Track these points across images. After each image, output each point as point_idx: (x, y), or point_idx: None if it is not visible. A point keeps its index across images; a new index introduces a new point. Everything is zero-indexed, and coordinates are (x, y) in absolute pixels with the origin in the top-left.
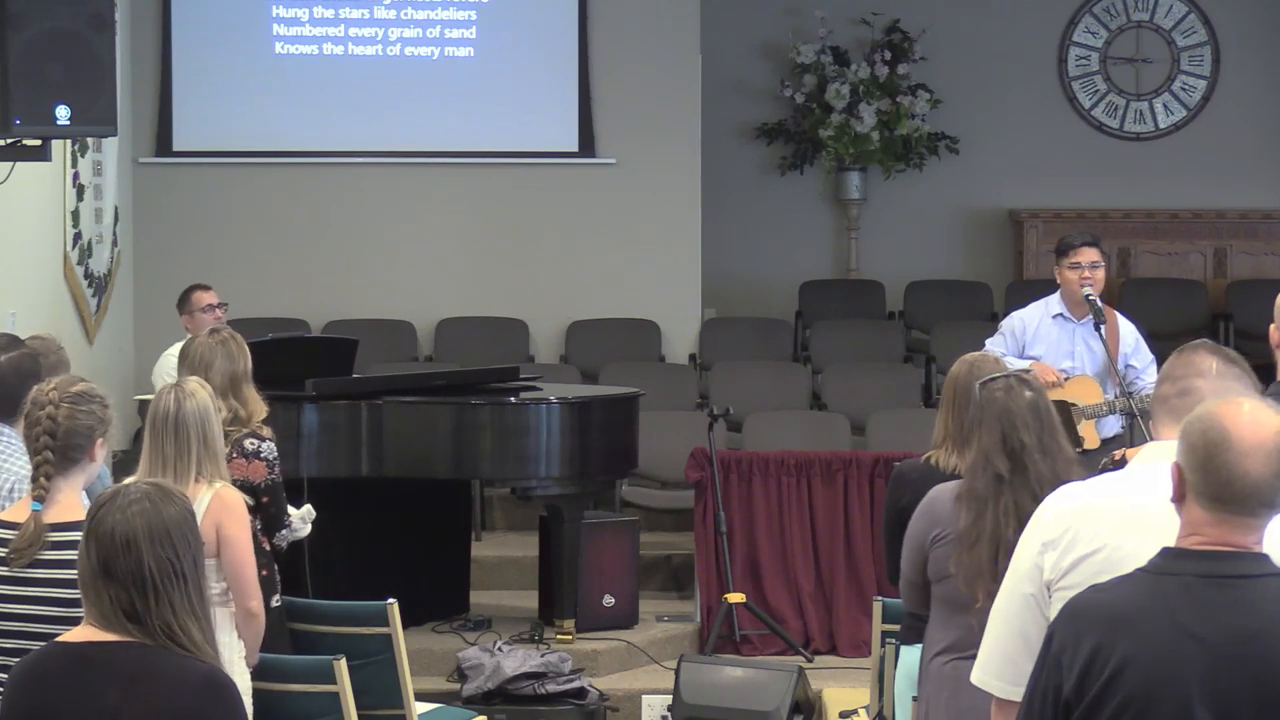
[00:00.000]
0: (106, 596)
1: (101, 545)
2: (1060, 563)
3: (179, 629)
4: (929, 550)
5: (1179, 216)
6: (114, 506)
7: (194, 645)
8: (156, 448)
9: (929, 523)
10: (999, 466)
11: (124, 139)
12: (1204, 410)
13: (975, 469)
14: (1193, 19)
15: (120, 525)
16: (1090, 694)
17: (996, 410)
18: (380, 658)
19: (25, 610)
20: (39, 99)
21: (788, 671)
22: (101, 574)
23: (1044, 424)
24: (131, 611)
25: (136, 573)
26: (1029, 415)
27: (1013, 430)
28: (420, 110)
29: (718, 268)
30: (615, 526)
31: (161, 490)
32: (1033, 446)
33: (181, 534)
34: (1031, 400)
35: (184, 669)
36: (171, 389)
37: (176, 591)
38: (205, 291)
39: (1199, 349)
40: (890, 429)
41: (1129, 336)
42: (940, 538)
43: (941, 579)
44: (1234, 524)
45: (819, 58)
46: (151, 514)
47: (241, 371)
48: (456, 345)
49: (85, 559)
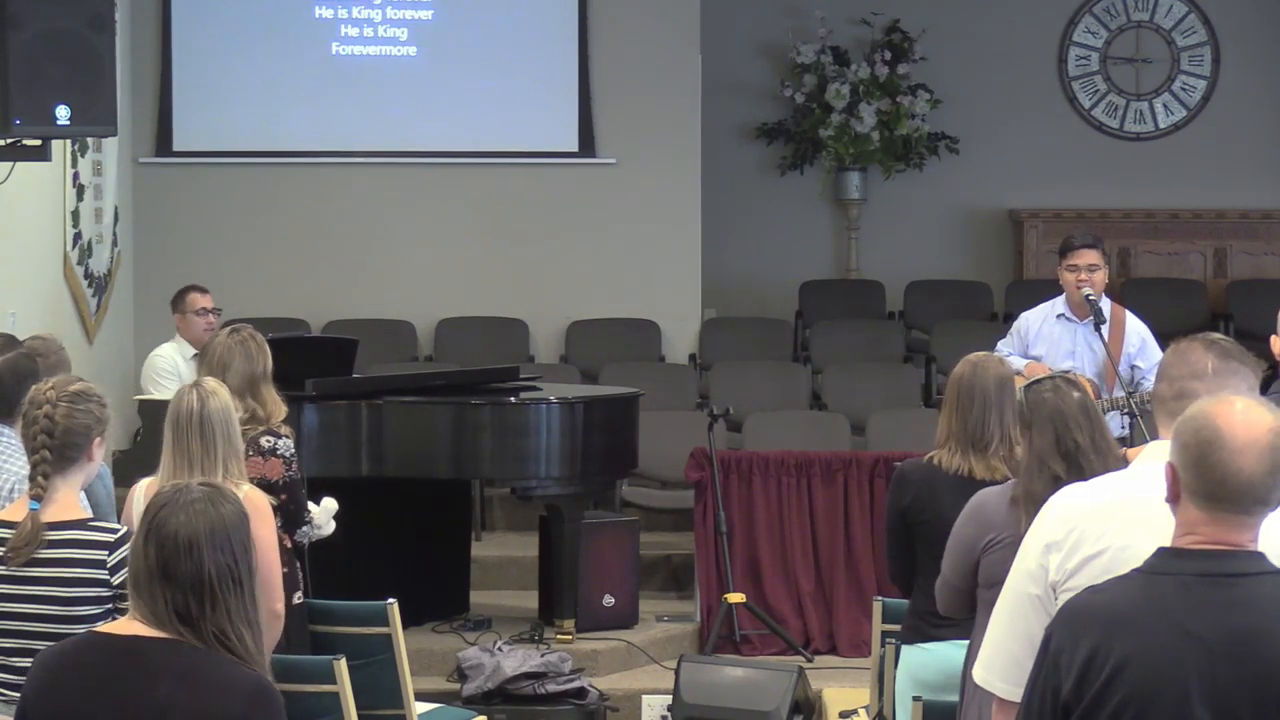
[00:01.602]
0: (163, 598)
1: (163, 547)
2: (1065, 564)
3: (234, 636)
4: (981, 556)
5: (1179, 216)
6: (176, 507)
7: (245, 653)
8: (181, 447)
9: (980, 528)
10: (1055, 468)
11: (124, 139)
12: (1197, 409)
13: (1031, 471)
14: (1193, 19)
15: (183, 527)
16: (1089, 694)
17: (1047, 411)
18: (380, 658)
19: (23, 609)
20: (39, 99)
21: (788, 671)
22: (160, 576)
23: (1094, 423)
24: (186, 614)
25: (196, 576)
26: (1080, 415)
27: (1066, 431)
28: (420, 110)
29: (718, 268)
30: (615, 526)
31: (219, 492)
32: (1087, 447)
33: (240, 538)
34: (1080, 400)
35: (235, 674)
36: (192, 388)
37: (233, 597)
38: (202, 294)
39: (1195, 345)
40: (890, 429)
41: (1134, 336)
42: (995, 542)
43: (995, 584)
44: (1229, 522)
45: (819, 58)
46: (213, 516)
47: (260, 372)
48: (456, 345)
49: (142, 560)
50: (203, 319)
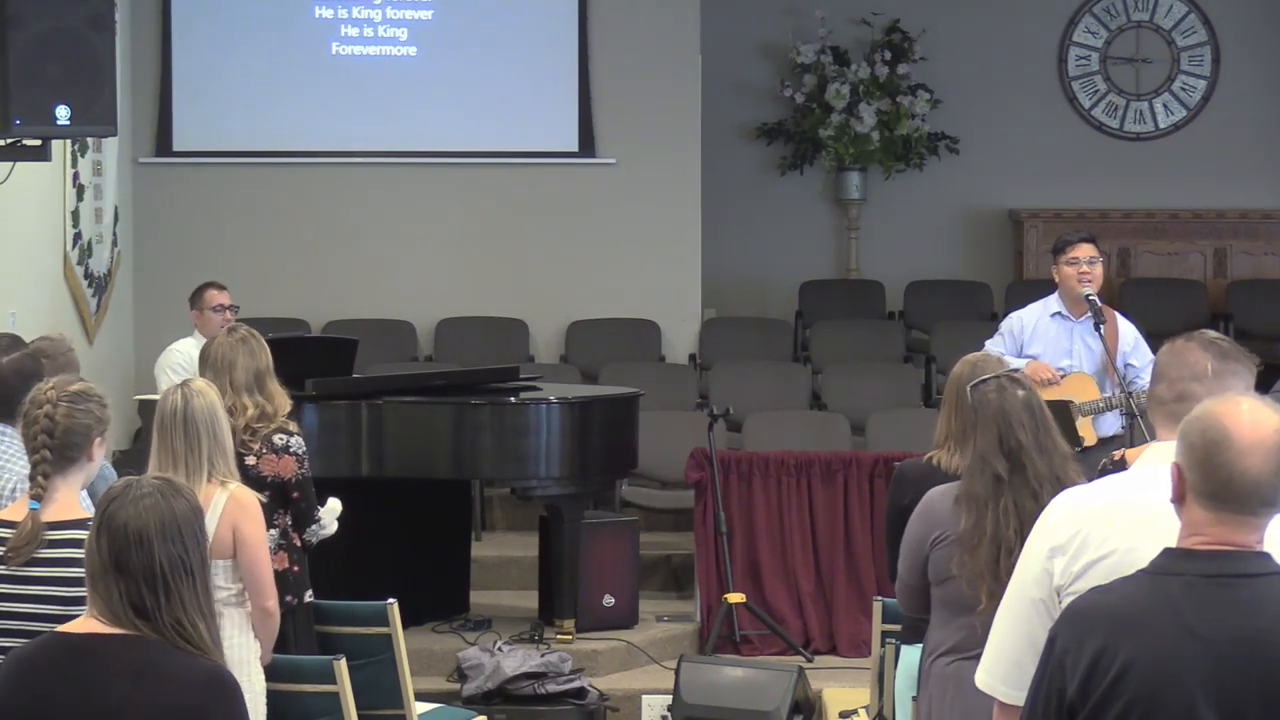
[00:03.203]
0: (117, 590)
1: (114, 539)
2: (1070, 568)
3: (189, 625)
4: (929, 552)
5: (1179, 216)
6: (125, 500)
7: (201, 643)
8: (165, 445)
9: (928, 525)
10: (997, 467)
11: (124, 139)
12: (1203, 409)
13: (973, 471)
14: (1193, 19)
15: (133, 520)
16: (1095, 696)
17: (991, 411)
18: (380, 658)
19: (23, 609)
20: (39, 99)
21: (788, 671)
22: (113, 567)
23: (1039, 422)
24: (141, 606)
25: (148, 567)
26: (1024, 414)
27: (1009, 430)
28: (420, 110)
29: (718, 268)
30: (615, 526)
31: (171, 485)
32: (1030, 445)
33: (191, 530)
34: (1025, 399)
35: (189, 667)
36: (178, 388)
37: (186, 587)
38: (220, 291)
39: (1193, 346)
40: (890, 429)
41: (1128, 335)
42: (940, 539)
43: (943, 581)
44: (1235, 523)
45: (819, 58)
46: (163, 509)
47: (264, 367)
48: (456, 345)
49: (95, 552)
50: (219, 315)
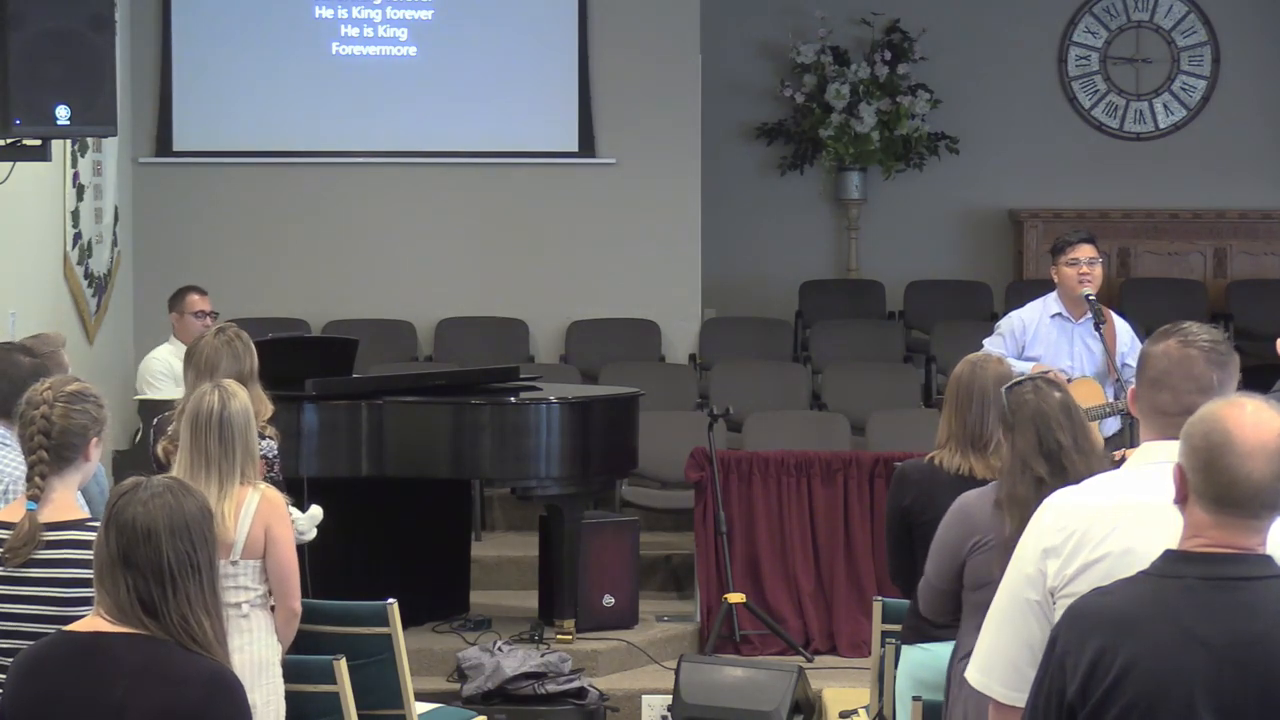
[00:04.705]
0: (124, 585)
1: (122, 534)
2: (1064, 570)
3: (195, 623)
4: (966, 557)
5: (1179, 216)
6: (135, 498)
7: (206, 642)
8: (199, 446)
9: (965, 530)
10: (1038, 469)
11: (124, 139)
12: (1206, 411)
13: (1014, 473)
14: (1193, 19)
15: (141, 516)
16: (1095, 697)
17: (1029, 412)
18: (380, 658)
19: (21, 610)
20: (39, 99)
21: (788, 671)
22: (121, 562)
23: (1076, 423)
24: (149, 603)
25: (156, 563)
26: (1062, 416)
27: (1048, 432)
28: (420, 110)
29: (718, 268)
30: (615, 526)
31: (182, 485)
32: (1069, 447)
33: (200, 530)
34: (1062, 400)
35: (193, 665)
36: (214, 389)
37: (193, 585)
38: (200, 296)
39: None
40: (890, 429)
41: (1125, 336)
42: (980, 545)
43: (981, 586)
44: (1237, 526)
45: (819, 58)
46: (173, 507)
47: (247, 371)
48: (456, 345)
49: (104, 547)
50: (199, 321)
